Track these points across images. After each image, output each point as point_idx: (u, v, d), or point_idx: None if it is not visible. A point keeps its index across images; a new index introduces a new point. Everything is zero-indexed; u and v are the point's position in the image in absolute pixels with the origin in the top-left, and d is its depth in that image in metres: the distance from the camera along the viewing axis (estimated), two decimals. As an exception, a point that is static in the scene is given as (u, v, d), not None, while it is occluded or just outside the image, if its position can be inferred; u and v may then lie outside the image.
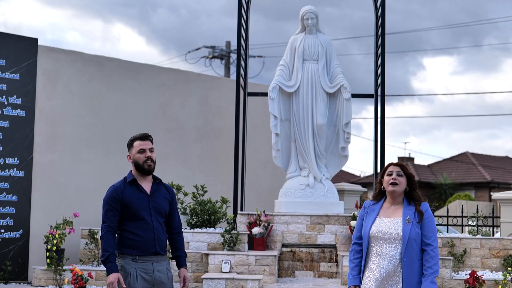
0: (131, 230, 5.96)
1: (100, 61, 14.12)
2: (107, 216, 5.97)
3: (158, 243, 6.01)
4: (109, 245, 5.89)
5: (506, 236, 13.32)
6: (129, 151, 6.12)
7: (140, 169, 6.09)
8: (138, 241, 5.95)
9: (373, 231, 5.76)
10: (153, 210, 6.04)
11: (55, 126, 13.31)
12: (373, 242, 5.76)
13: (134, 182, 6.08)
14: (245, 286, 10.71)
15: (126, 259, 5.94)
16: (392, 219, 5.76)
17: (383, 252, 5.70)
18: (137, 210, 5.98)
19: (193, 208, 12.99)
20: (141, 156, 6.08)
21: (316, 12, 13.35)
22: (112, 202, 5.97)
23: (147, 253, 5.97)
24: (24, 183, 12.43)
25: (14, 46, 12.54)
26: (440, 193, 43.30)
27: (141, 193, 6.06)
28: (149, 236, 5.98)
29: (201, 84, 15.60)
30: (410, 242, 5.64)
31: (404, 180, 5.84)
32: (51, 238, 11.54)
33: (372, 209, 5.93)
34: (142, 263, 5.95)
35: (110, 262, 5.85)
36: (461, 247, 12.10)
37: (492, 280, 11.12)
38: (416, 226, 5.69)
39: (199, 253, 11.81)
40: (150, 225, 6.00)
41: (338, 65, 13.39)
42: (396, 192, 5.82)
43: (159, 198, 6.13)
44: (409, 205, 5.82)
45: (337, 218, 12.63)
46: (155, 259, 6.01)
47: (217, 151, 15.40)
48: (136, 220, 5.98)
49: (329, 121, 13.29)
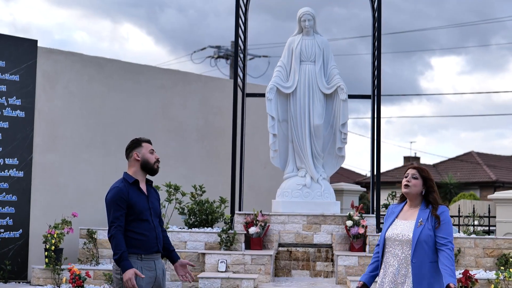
0: (137, 230, 6.16)
1: (99, 62, 14.25)
2: (115, 216, 6.11)
3: (159, 242, 6.28)
4: (120, 244, 6.07)
5: (502, 235, 13.43)
6: (137, 150, 6.29)
7: (147, 169, 6.31)
8: (143, 241, 6.16)
9: (388, 233, 5.89)
10: (152, 211, 6.28)
11: (55, 127, 13.45)
12: (388, 244, 5.90)
13: (136, 183, 6.26)
14: (240, 285, 10.83)
15: (132, 258, 6.11)
16: (408, 221, 5.86)
17: (396, 253, 5.83)
18: (141, 211, 6.18)
19: (191, 208, 13.13)
20: (152, 156, 6.31)
21: (313, 13, 13.47)
22: (120, 202, 6.12)
23: (150, 251, 6.21)
24: (24, 183, 12.59)
25: (14, 47, 12.70)
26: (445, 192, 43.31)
27: (141, 194, 6.26)
28: (152, 235, 6.21)
29: (202, 85, 15.73)
30: (420, 244, 5.70)
31: (419, 183, 5.90)
32: (50, 237, 11.68)
33: (393, 211, 6.06)
34: (146, 261, 6.17)
35: (125, 260, 6.03)
36: (455, 247, 12.18)
37: (485, 279, 11.20)
38: (429, 228, 5.74)
39: (196, 253, 11.95)
40: (152, 225, 6.23)
41: (335, 66, 13.51)
42: (409, 194, 5.92)
43: (153, 199, 6.38)
44: (426, 208, 5.87)
45: (333, 218, 12.75)
46: (156, 257, 6.27)
47: (218, 151, 15.53)
48: (140, 220, 6.18)
49: (326, 121, 13.42)
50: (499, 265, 11.93)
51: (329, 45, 13.67)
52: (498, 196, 14.34)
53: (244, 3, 14.23)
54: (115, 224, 6.11)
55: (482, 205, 21.97)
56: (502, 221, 13.95)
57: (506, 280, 11.08)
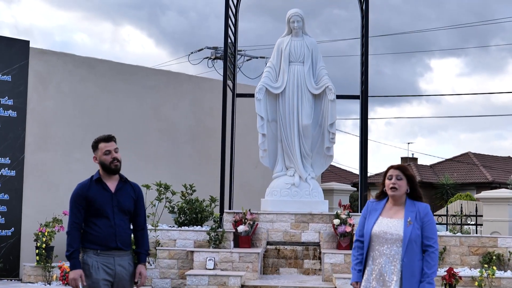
0: (93, 226, 6.25)
1: (91, 63, 14.42)
2: (72, 212, 6.27)
3: (119, 239, 6.28)
4: (74, 241, 6.20)
5: (489, 234, 13.61)
6: (95, 153, 6.41)
7: (107, 169, 6.38)
8: (99, 237, 6.23)
9: (375, 231, 5.98)
10: (116, 208, 6.31)
11: (47, 127, 13.62)
12: (375, 241, 5.99)
13: (99, 181, 6.37)
14: (227, 282, 10.99)
15: (89, 253, 6.23)
16: (394, 220, 5.97)
17: (384, 251, 5.94)
18: (100, 207, 6.26)
19: (181, 207, 13.30)
20: (107, 157, 6.36)
21: (302, 15, 13.64)
22: (78, 199, 6.28)
23: (108, 248, 6.25)
24: (16, 182, 12.76)
25: (6, 48, 12.87)
26: (442, 193, 43.44)
27: (105, 191, 6.34)
28: (109, 232, 6.25)
29: (193, 86, 15.91)
30: (410, 243, 5.85)
31: (404, 183, 6.02)
32: (41, 235, 11.85)
33: (374, 208, 6.14)
34: (103, 257, 6.23)
35: (74, 259, 6.16)
36: (441, 245, 12.35)
37: (469, 277, 11.37)
38: (417, 228, 5.89)
39: (185, 250, 12.11)
40: (111, 222, 6.28)
41: (324, 67, 13.68)
42: (396, 196, 6.03)
43: (123, 196, 6.39)
44: (410, 206, 6.00)
45: (320, 216, 12.92)
46: (116, 254, 6.28)
47: (209, 151, 15.67)
48: (99, 216, 6.26)
49: (314, 121, 13.58)
50: (483, 263, 12.11)
51: (317, 46, 13.84)
52: (485, 195, 14.56)
53: (234, 4, 14.41)
54: (71, 220, 6.27)
55: (480, 206, 22.19)
56: (489, 220, 14.14)
57: (490, 277, 11.25)
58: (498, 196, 14.30)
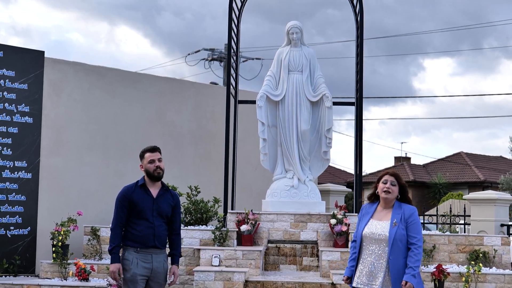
0: (135, 226, 7.10)
1: (100, 71, 15.09)
2: (117, 212, 7.14)
3: (157, 238, 7.13)
4: (116, 238, 7.08)
5: (476, 233, 14.36)
6: (141, 161, 7.31)
7: (150, 176, 7.25)
8: (140, 236, 7.08)
9: (365, 232, 6.81)
10: (155, 212, 7.16)
11: (60, 132, 14.33)
12: (365, 241, 6.82)
13: (143, 186, 7.23)
14: (232, 278, 11.73)
15: (129, 250, 7.08)
16: (382, 222, 6.78)
17: (373, 250, 6.77)
18: (141, 210, 7.11)
19: (187, 207, 14.05)
20: (151, 166, 7.24)
21: (300, 27, 14.40)
22: (123, 200, 7.15)
23: (146, 246, 7.09)
24: (32, 184, 13.44)
25: (22, 58, 13.54)
26: (434, 192, 43.97)
27: (147, 196, 7.19)
28: (149, 232, 7.09)
29: (195, 92, 16.55)
30: (395, 242, 6.63)
31: (397, 189, 6.83)
32: (57, 234, 12.52)
33: (367, 212, 6.95)
34: (142, 254, 7.08)
35: (114, 254, 7.02)
36: (430, 243, 13.11)
37: (457, 273, 12.10)
38: (402, 228, 6.67)
39: (192, 248, 12.84)
40: (151, 223, 7.11)
41: (321, 75, 14.44)
42: (387, 199, 6.82)
43: (162, 202, 7.24)
44: (397, 208, 6.78)
45: (318, 216, 13.69)
46: (154, 252, 7.13)
47: (210, 154, 16.37)
48: (140, 218, 7.11)
49: (312, 127, 14.35)
50: (470, 260, 12.85)
51: (315, 56, 14.59)
52: (472, 196, 15.24)
53: (237, 16, 15.14)
54: (115, 219, 7.13)
55: (468, 206, 22.89)
56: (476, 220, 14.87)
57: (476, 273, 12.01)
58: (485, 197, 14.95)
